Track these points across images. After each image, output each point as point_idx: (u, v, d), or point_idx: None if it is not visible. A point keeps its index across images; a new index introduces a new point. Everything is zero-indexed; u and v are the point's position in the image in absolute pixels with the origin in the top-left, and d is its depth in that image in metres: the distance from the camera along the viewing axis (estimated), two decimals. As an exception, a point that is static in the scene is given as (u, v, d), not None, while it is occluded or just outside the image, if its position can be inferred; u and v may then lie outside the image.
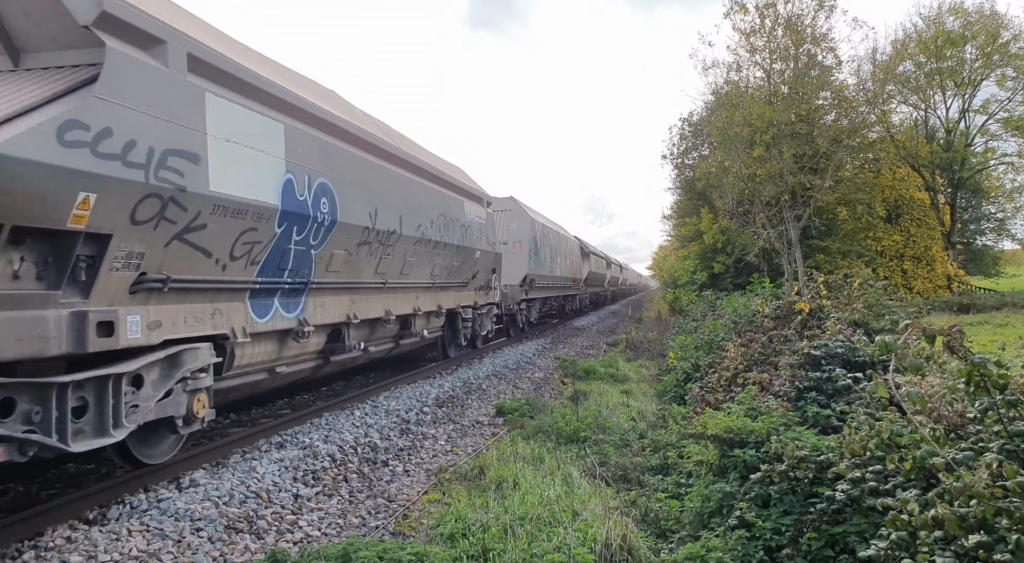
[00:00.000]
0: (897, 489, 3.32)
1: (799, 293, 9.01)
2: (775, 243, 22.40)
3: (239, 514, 4.53)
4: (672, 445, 5.89)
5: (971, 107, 26.35)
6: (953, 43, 24.68)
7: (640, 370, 12.81)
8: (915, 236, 25.66)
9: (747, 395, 5.58)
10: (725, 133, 21.93)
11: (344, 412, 7.72)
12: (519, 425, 7.65)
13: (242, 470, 5.32)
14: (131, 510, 4.43)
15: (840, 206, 24.45)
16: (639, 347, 16.62)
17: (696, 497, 4.40)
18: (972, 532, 2.55)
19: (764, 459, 4.28)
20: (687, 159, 30.72)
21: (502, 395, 10.07)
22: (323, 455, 5.93)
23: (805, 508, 3.76)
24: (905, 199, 26.33)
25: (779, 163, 20.97)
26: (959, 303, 20.58)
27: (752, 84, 23.05)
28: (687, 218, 31.57)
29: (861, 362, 5.71)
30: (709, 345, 9.73)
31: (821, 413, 4.98)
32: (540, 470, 5.62)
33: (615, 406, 8.79)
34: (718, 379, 7.21)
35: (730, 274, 26.13)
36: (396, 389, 9.42)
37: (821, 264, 21.97)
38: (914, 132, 26.49)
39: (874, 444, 3.62)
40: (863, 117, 22.65)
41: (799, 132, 21.31)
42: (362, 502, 5.24)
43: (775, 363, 6.80)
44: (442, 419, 8.09)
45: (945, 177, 26.83)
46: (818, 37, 21.86)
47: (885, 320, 7.73)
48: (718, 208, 25.26)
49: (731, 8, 22.46)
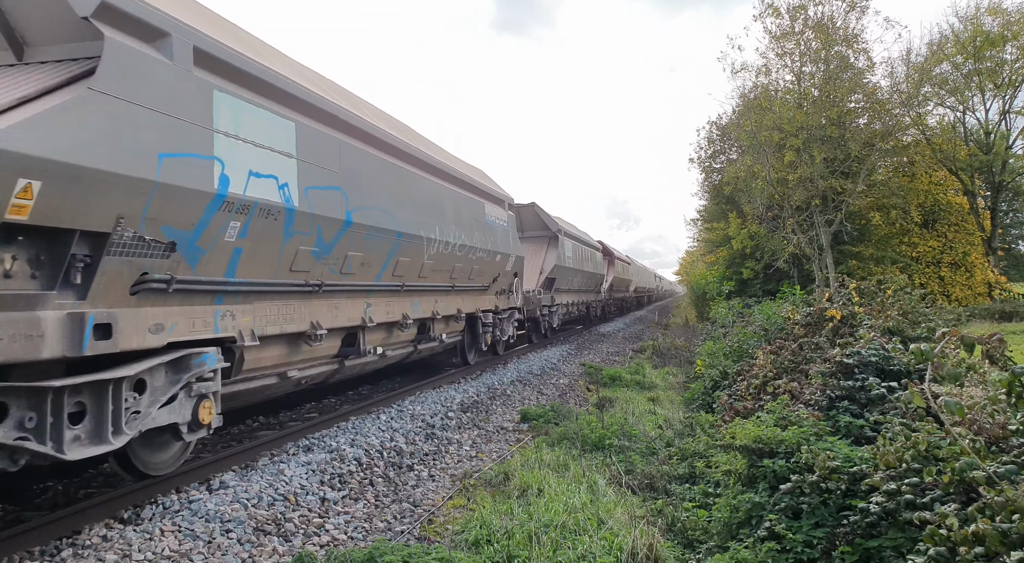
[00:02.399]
0: (935, 503, 3.22)
1: (830, 299, 8.83)
2: (805, 249, 21.97)
3: (267, 516, 4.59)
4: (700, 454, 5.81)
5: (1012, 108, 25.56)
6: (992, 43, 23.98)
7: (667, 377, 12.67)
8: (953, 241, 24.94)
9: (777, 404, 5.48)
10: (754, 137, 21.63)
11: (370, 416, 7.78)
12: (544, 431, 7.62)
13: (270, 473, 5.39)
14: (163, 510, 4.52)
15: (873, 211, 23.88)
16: (666, 354, 16.46)
17: (724, 507, 4.33)
18: (1015, 548, 2.46)
19: (794, 469, 4.19)
20: (715, 163, 30.36)
21: (527, 401, 10.05)
22: (349, 459, 5.98)
23: (838, 520, 3.67)
24: (942, 203, 25.61)
25: (810, 167, 20.60)
26: (1001, 311, 19.94)
27: (782, 87, 22.71)
28: (715, 223, 31.17)
29: (896, 371, 5.57)
30: (738, 352, 9.58)
31: (854, 423, 4.87)
32: (565, 477, 5.59)
33: (641, 413, 8.71)
34: (747, 387, 7.09)
35: (759, 280, 25.71)
36: (421, 394, 9.47)
37: (853, 270, 21.47)
38: (951, 134, 25.79)
39: (910, 455, 3.52)
40: (897, 120, 22.14)
41: (830, 136, 20.90)
42: (388, 506, 5.26)
43: (806, 371, 6.66)
44: (467, 424, 8.10)
45: (985, 180, 26.04)
46: (849, 38, 21.46)
47: (921, 328, 7.52)
48: (747, 213, 24.90)
49: (763, 11, 22.19)
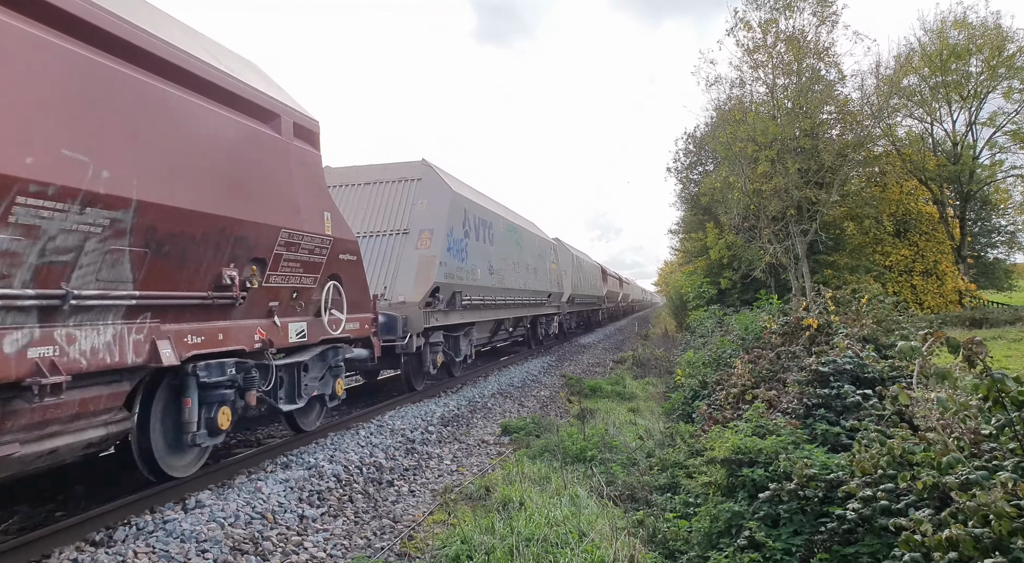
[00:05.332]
0: (910, 508, 3.27)
1: (807, 309, 8.96)
2: (782, 258, 22.30)
3: (244, 535, 4.50)
4: (680, 464, 5.83)
5: (978, 119, 26.30)
6: (958, 56, 24.70)
7: (647, 387, 12.72)
8: (924, 250, 25.49)
9: (755, 413, 5.53)
10: (729, 149, 21.96)
11: (349, 431, 7.69)
12: (525, 444, 7.59)
13: (248, 491, 5.29)
14: (137, 532, 4.41)
15: (847, 220, 24.34)
16: (646, 364, 16.53)
17: (705, 517, 4.34)
18: (988, 554, 2.50)
19: (773, 478, 4.22)
20: (691, 174, 30.76)
21: (508, 414, 10.01)
22: (328, 475, 5.89)
23: (816, 528, 3.70)
24: (913, 213, 26.19)
25: (784, 178, 20.95)
26: (971, 317, 20.41)
27: (755, 99, 23.12)
28: (693, 233, 31.50)
29: (871, 378, 5.65)
30: (717, 362, 9.67)
31: (830, 430, 4.92)
32: (546, 490, 5.57)
33: (622, 424, 8.72)
34: (726, 396, 7.15)
35: (737, 290, 26.00)
36: (401, 408, 9.39)
37: (829, 279, 21.82)
38: (920, 145, 26.43)
39: (885, 461, 3.57)
40: (868, 131, 22.65)
41: (804, 147, 21.29)
42: (367, 523, 5.19)
43: (783, 380, 6.73)
44: (447, 438, 8.04)
45: (953, 190, 26.70)
46: (820, 51, 21.96)
47: (895, 335, 7.66)
48: (723, 223, 25.21)
49: (735, 25, 22.62)
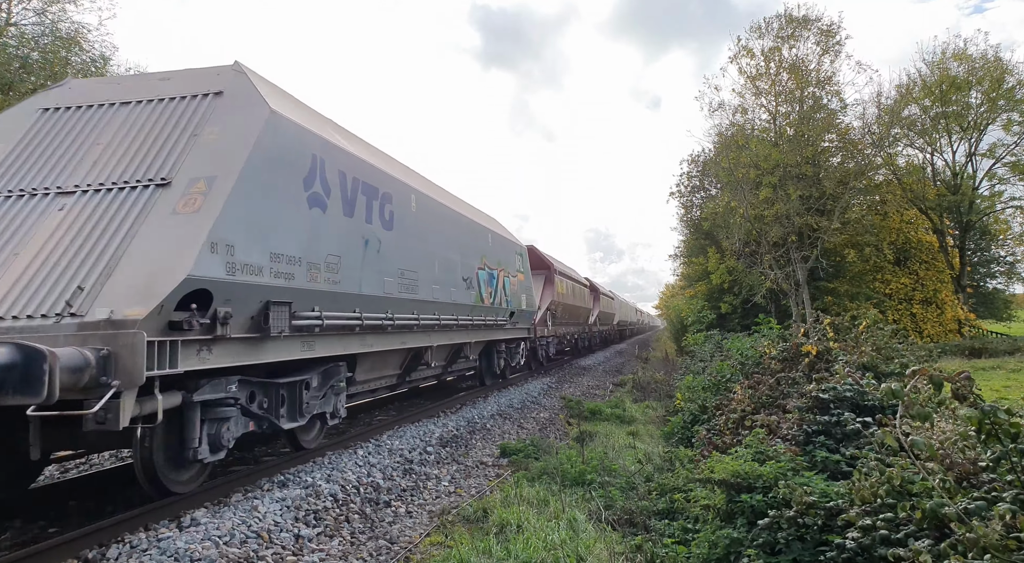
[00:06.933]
0: (909, 538, 3.25)
1: (806, 335, 8.96)
2: (782, 284, 22.34)
3: (239, 555, 4.46)
4: (679, 489, 5.79)
5: (978, 150, 26.54)
6: (958, 88, 25.00)
7: (647, 411, 12.66)
8: (924, 279, 25.54)
9: (755, 438, 5.51)
10: (731, 174, 22.14)
11: (347, 451, 7.65)
12: (524, 466, 7.54)
13: (243, 509, 5.26)
14: (131, 549, 4.37)
15: (848, 248, 24.42)
16: (646, 387, 16.47)
17: (703, 543, 4.31)
18: (986, 585, 2.48)
19: (772, 504, 4.20)
20: (694, 198, 30.93)
21: (507, 435, 9.95)
22: (325, 495, 5.85)
23: (815, 556, 3.68)
24: (913, 241, 26.29)
25: (786, 204, 21.09)
26: (971, 347, 20.37)
27: (758, 126, 23.38)
28: (694, 258, 31.57)
29: (870, 406, 5.64)
30: (716, 386, 9.64)
31: (830, 458, 4.91)
32: (544, 513, 5.53)
33: (621, 448, 8.67)
34: (725, 421, 7.12)
35: (737, 315, 26.00)
36: (400, 428, 9.34)
37: (829, 306, 21.84)
38: (921, 175, 26.63)
39: (885, 491, 3.55)
40: (869, 159, 22.85)
41: (805, 174, 21.46)
42: (364, 543, 5.15)
43: (783, 406, 6.72)
44: (446, 459, 7.99)
45: (953, 220, 26.83)
46: (823, 80, 22.25)
47: (894, 363, 7.65)
48: (725, 248, 25.31)
49: (738, 52, 22.97)
